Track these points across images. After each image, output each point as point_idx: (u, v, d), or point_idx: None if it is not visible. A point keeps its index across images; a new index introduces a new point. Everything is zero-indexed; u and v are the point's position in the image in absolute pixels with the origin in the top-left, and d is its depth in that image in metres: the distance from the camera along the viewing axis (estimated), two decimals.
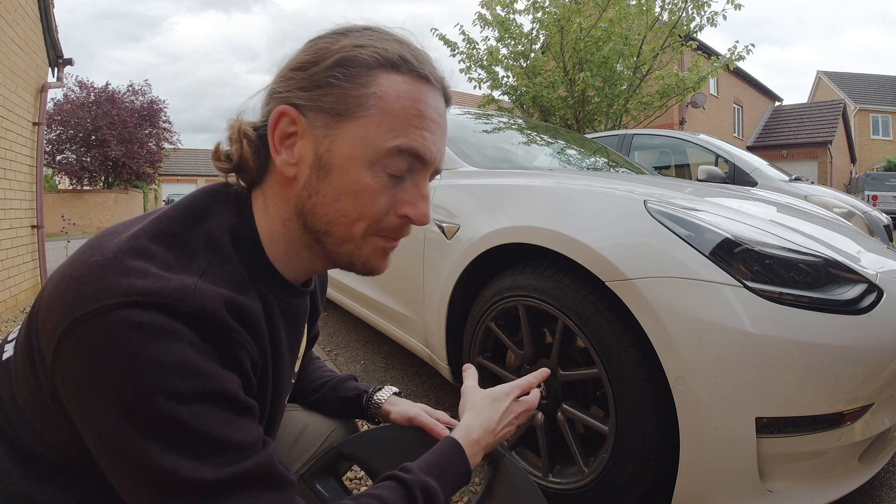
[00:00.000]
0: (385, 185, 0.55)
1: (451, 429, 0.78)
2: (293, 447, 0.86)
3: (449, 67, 0.61)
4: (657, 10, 7.26)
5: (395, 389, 0.90)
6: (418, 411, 0.82)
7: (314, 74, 0.54)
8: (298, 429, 0.88)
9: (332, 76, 0.53)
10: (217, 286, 0.50)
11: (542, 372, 0.83)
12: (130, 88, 16.58)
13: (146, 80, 17.85)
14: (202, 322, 0.47)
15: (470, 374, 0.83)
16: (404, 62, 0.54)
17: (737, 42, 7.08)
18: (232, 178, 0.60)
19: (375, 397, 0.88)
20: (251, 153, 0.57)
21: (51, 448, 0.53)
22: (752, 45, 7.02)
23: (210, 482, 0.45)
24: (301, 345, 0.73)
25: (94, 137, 15.35)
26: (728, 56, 7.18)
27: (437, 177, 0.67)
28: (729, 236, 1.02)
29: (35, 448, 0.53)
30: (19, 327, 0.57)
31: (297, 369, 0.75)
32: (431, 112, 0.56)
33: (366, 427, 1.27)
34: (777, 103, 21.72)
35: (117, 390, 0.43)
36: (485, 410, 0.73)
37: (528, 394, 0.80)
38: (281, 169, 0.55)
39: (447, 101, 0.61)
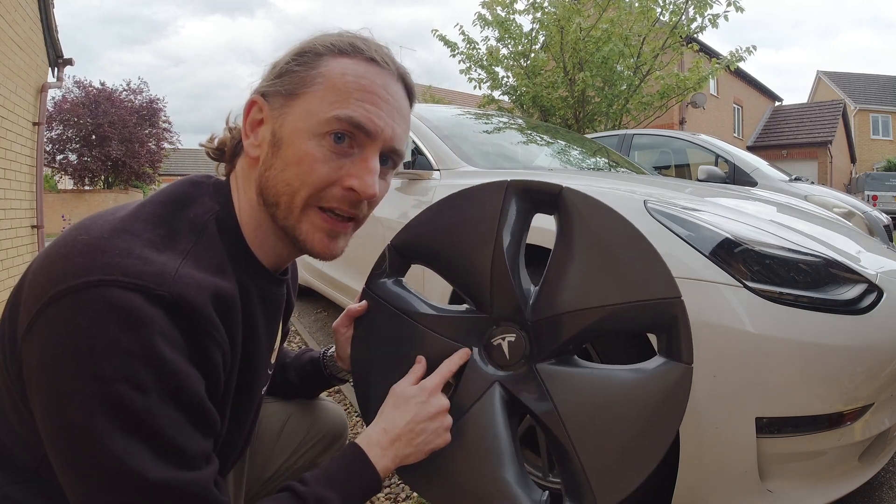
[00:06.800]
0: (328, 155, 0.57)
1: None
2: (277, 440, 0.87)
3: (441, 63, 0.64)
4: (657, 10, 7.25)
5: None
6: None
7: (277, 65, 0.60)
8: (281, 421, 0.88)
9: (290, 64, 0.59)
10: (199, 270, 0.51)
11: (463, 353, 0.71)
12: (127, 87, 16.59)
13: (140, 77, 17.84)
14: (180, 310, 0.47)
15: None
16: (353, 48, 0.59)
17: (738, 46, 7.09)
18: (218, 169, 0.66)
19: (329, 352, 0.87)
20: (229, 141, 0.65)
21: (24, 446, 0.53)
22: (754, 48, 7.03)
23: (147, 480, 0.44)
24: (277, 337, 0.74)
25: (94, 137, 15.36)
26: (728, 58, 7.18)
27: (425, 180, 0.72)
28: (729, 236, 1.01)
29: (11, 447, 0.54)
30: None
31: (273, 361, 0.75)
32: (378, 89, 0.59)
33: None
34: (777, 103, 21.70)
35: (79, 367, 0.43)
36: (387, 415, 0.66)
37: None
38: (248, 150, 0.60)
39: (408, 90, 0.64)
